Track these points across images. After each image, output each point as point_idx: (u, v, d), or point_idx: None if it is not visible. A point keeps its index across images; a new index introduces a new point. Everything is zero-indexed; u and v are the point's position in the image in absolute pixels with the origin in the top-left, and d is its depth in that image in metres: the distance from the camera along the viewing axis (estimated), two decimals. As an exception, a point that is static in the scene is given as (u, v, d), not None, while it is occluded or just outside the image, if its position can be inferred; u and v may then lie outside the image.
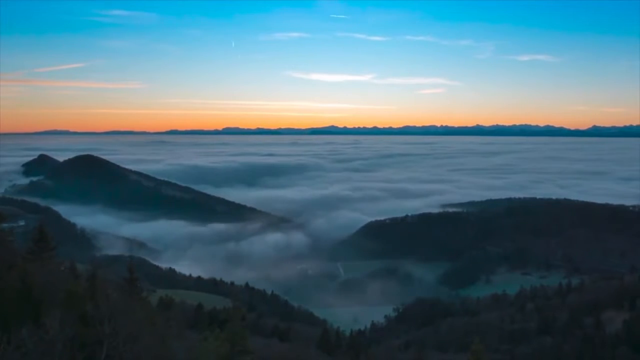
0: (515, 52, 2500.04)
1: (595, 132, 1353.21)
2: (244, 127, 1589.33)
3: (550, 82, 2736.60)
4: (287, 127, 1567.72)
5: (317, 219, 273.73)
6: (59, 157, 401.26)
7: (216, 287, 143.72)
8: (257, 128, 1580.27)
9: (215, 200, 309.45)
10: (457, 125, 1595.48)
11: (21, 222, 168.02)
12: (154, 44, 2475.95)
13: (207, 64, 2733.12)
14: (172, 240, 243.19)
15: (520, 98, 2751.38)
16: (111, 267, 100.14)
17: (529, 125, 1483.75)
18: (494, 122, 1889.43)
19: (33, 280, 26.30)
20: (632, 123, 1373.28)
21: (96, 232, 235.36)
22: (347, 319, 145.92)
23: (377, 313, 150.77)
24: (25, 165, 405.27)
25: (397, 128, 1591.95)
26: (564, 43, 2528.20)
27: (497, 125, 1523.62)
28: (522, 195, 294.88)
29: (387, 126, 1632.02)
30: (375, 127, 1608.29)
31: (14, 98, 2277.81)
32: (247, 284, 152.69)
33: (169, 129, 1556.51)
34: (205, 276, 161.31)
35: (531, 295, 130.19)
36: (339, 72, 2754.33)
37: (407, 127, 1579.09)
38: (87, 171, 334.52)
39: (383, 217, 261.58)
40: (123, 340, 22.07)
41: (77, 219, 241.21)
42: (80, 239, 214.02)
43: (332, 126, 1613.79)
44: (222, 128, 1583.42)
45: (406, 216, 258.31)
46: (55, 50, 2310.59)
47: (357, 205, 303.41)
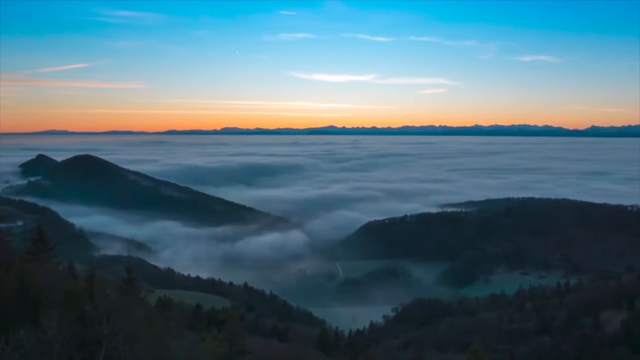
0: (518, 52, 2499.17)
1: (594, 132, 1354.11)
2: (242, 127, 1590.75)
3: (551, 83, 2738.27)
4: (286, 127, 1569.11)
5: (315, 219, 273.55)
6: (57, 157, 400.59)
7: (215, 287, 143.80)
8: (256, 128, 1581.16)
9: (213, 200, 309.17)
10: (455, 126, 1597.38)
11: (19, 222, 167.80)
12: (158, 45, 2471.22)
13: (209, 64, 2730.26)
14: (171, 241, 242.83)
15: (519, 98, 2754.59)
16: (109, 268, 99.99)
17: (528, 125, 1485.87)
18: (493, 122, 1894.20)
19: (31, 281, 26.23)
20: (631, 123, 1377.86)
21: (94, 232, 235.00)
22: (346, 319, 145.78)
23: (376, 313, 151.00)
24: (24, 166, 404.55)
25: (395, 128, 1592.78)
26: (566, 43, 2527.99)
27: (496, 125, 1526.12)
28: (520, 195, 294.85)
29: (386, 126, 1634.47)
30: (374, 127, 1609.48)
31: (13, 98, 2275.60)
32: (245, 284, 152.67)
33: (167, 129, 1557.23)
34: (204, 276, 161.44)
35: (530, 295, 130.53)
36: (341, 72, 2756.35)
37: (406, 127, 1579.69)
38: (85, 171, 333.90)
39: (382, 217, 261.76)
40: (121, 341, 22.02)
41: (76, 219, 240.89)
42: (79, 239, 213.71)
43: (331, 126, 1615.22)
44: (221, 128, 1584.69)
45: (405, 216, 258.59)
46: (59, 51, 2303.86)
47: (355, 205, 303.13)
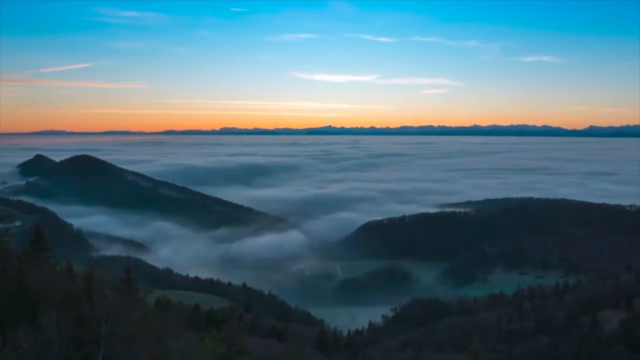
0: (520, 53, 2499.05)
1: (593, 132, 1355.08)
2: (241, 127, 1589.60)
3: (551, 83, 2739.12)
4: (285, 127, 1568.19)
5: (314, 219, 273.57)
6: (55, 158, 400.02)
7: (213, 287, 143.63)
8: (255, 128, 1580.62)
9: (212, 200, 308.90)
10: (454, 126, 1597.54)
11: (17, 223, 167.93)
12: (161, 45, 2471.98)
13: (211, 64, 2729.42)
14: (169, 241, 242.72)
15: (518, 98, 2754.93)
16: (108, 268, 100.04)
17: (527, 125, 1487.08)
18: (491, 122, 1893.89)
19: (29, 281, 26.17)
20: (629, 123, 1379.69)
21: (93, 232, 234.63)
22: (345, 319, 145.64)
23: (375, 313, 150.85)
24: (21, 166, 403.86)
25: (394, 128, 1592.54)
26: (567, 44, 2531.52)
27: (495, 125, 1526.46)
28: (519, 195, 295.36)
29: (385, 126, 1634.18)
30: (372, 127, 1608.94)
31: (13, 98, 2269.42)
32: (244, 284, 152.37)
33: (166, 129, 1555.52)
34: (203, 276, 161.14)
35: (528, 294, 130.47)
36: (343, 72, 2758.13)
37: (405, 127, 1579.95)
38: (83, 171, 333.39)
39: (381, 217, 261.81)
40: (120, 341, 21.96)
41: (74, 220, 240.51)
42: (77, 240, 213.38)
43: (330, 126, 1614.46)
44: (220, 128, 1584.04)
45: (404, 216, 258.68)
46: (61, 51, 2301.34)
47: (354, 206, 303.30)
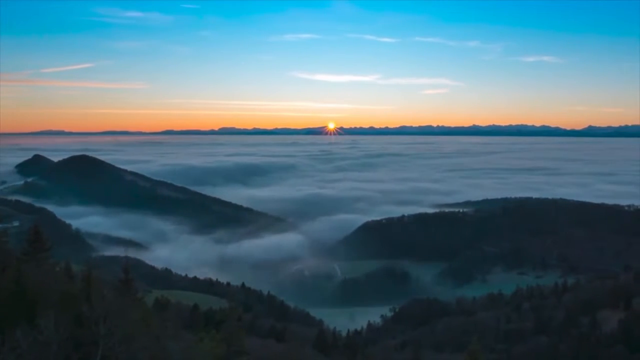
0: (521, 53, 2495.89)
1: (591, 132, 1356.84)
2: (240, 127, 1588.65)
3: (551, 83, 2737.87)
4: (284, 127, 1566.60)
5: (313, 219, 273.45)
6: (54, 158, 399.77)
7: (212, 287, 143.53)
8: (253, 128, 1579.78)
9: (210, 200, 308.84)
10: (453, 126, 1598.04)
11: (15, 223, 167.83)
12: (163, 45, 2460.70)
13: (212, 64, 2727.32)
14: (168, 241, 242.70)
15: (518, 98, 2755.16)
16: (106, 268, 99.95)
17: (525, 125, 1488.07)
18: (490, 122, 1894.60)
19: (28, 281, 26.09)
20: (628, 123, 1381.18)
21: (91, 232, 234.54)
22: (344, 319, 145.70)
23: (374, 313, 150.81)
24: (20, 166, 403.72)
25: (393, 128, 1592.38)
26: (569, 44, 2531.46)
27: (494, 125, 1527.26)
28: (518, 195, 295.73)
29: (384, 126, 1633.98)
30: (371, 127, 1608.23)
31: (12, 98, 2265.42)
32: (243, 284, 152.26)
33: (165, 129, 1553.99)
34: (201, 276, 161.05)
35: (527, 294, 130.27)
36: (344, 72, 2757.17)
37: (404, 127, 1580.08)
38: (82, 171, 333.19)
39: (380, 217, 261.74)
40: (118, 341, 21.90)
41: (72, 220, 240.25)
42: (75, 240, 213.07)
43: (329, 126, 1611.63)
44: (219, 128, 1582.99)
45: (403, 216, 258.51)
46: (61, 51, 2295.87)
47: (353, 206, 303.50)
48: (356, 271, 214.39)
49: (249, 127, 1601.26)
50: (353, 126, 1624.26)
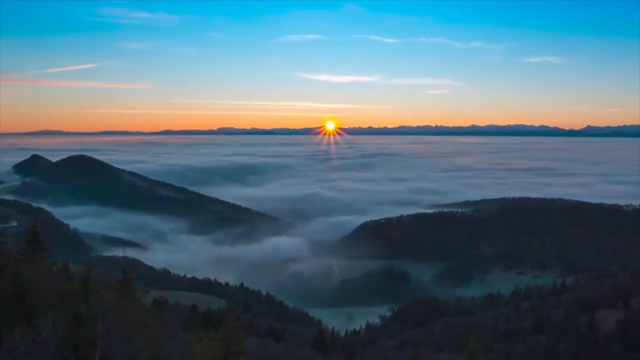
0: (524, 54, 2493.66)
1: (590, 132, 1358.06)
2: (238, 127, 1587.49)
3: (553, 83, 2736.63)
4: (282, 127, 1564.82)
5: (311, 219, 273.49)
6: (52, 158, 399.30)
7: (211, 287, 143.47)
8: (252, 128, 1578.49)
9: (209, 200, 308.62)
10: (452, 125, 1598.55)
11: (13, 223, 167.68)
12: (171, 46, 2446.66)
13: (216, 65, 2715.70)
14: (166, 241, 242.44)
15: (517, 99, 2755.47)
16: (105, 268, 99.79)
17: (524, 125, 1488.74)
18: (489, 122, 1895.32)
19: (26, 282, 26.03)
20: (627, 123, 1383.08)
21: (89, 232, 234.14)
22: (342, 319, 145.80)
23: (372, 313, 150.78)
24: (18, 166, 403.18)
25: (392, 128, 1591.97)
26: (570, 44, 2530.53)
27: (492, 125, 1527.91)
28: (516, 195, 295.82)
29: (382, 126, 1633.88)
30: (370, 127, 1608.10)
31: (12, 98, 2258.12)
32: (241, 284, 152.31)
33: (163, 129, 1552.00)
34: (200, 277, 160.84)
35: (526, 294, 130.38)
36: (347, 73, 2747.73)
37: (402, 127, 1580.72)
38: (80, 171, 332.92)
39: (378, 217, 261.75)
40: (117, 341, 21.87)
41: (70, 220, 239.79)
42: (74, 240, 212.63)
43: (329, 126, 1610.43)
44: (217, 128, 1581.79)
45: (401, 216, 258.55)
46: (65, 51, 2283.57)
47: (352, 206, 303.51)
48: (355, 271, 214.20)
49: (247, 127, 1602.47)
50: (352, 126, 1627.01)
